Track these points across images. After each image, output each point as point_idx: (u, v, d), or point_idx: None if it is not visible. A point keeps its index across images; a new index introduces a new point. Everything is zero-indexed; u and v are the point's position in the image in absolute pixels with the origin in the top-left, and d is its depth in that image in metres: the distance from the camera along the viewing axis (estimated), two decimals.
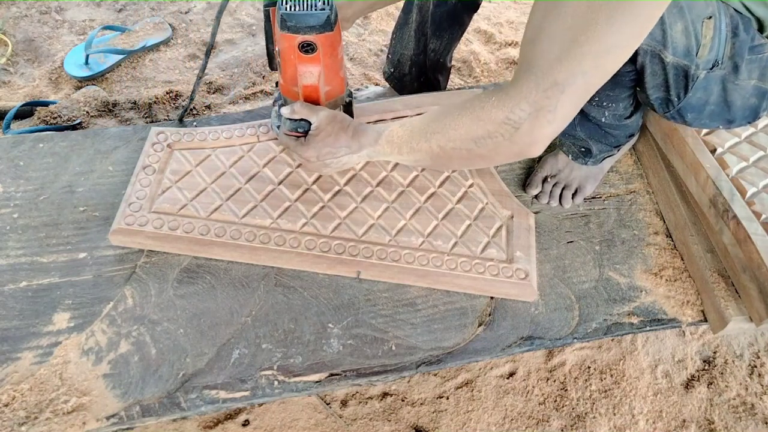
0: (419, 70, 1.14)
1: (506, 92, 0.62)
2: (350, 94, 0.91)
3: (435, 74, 1.16)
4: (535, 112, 0.61)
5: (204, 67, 0.93)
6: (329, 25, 0.74)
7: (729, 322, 0.85)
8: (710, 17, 0.71)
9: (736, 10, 0.74)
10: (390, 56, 1.16)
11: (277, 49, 0.81)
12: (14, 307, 0.81)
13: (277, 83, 0.93)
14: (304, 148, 0.81)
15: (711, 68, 0.74)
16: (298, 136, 0.83)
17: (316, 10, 0.72)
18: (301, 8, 0.72)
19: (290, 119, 0.82)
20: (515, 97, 0.61)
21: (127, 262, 0.86)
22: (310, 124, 0.81)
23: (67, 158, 0.98)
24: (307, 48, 0.75)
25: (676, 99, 0.78)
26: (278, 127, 0.90)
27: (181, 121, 1.04)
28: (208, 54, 0.91)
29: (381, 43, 1.55)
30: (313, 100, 0.83)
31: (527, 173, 1.03)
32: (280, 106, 0.88)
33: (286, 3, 0.73)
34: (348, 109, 0.92)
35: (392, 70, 1.17)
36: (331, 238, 0.88)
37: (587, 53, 0.56)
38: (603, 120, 0.87)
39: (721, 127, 0.84)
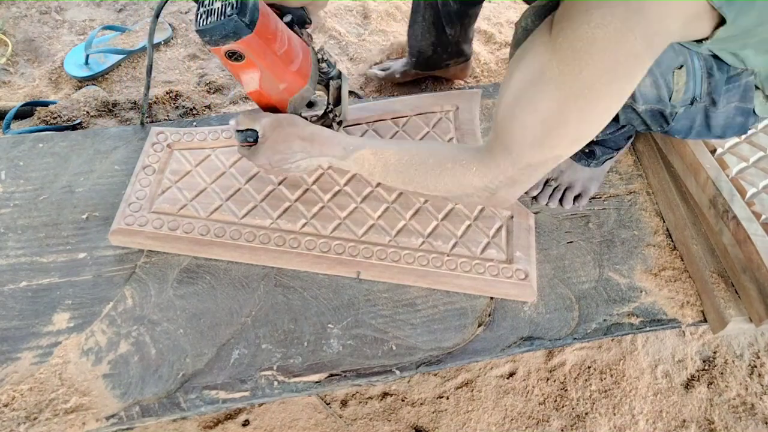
0: (440, 55, 1.25)
1: (486, 164, 0.67)
2: (339, 76, 0.87)
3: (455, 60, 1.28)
4: (511, 183, 0.67)
5: (148, 84, 0.97)
6: (245, 28, 0.69)
7: (729, 322, 0.85)
8: (681, 66, 0.69)
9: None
10: (410, 54, 1.28)
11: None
12: (14, 307, 0.81)
13: None
14: (255, 157, 0.79)
15: (690, 104, 0.73)
16: (251, 146, 0.81)
17: (225, 18, 0.68)
18: (213, 19, 0.69)
19: (238, 131, 0.80)
20: (494, 170, 0.67)
21: (127, 262, 0.86)
22: (257, 132, 0.79)
23: (67, 158, 0.98)
24: (235, 56, 0.73)
25: (659, 129, 0.78)
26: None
27: (142, 125, 1.04)
28: (149, 72, 0.95)
29: (381, 43, 1.55)
30: (272, 104, 0.81)
31: None
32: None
33: (199, 18, 0.70)
34: (337, 93, 0.89)
35: (414, 59, 1.28)
36: (331, 238, 0.88)
37: (561, 142, 0.61)
38: (597, 138, 0.88)
39: (712, 139, 0.83)
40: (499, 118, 0.64)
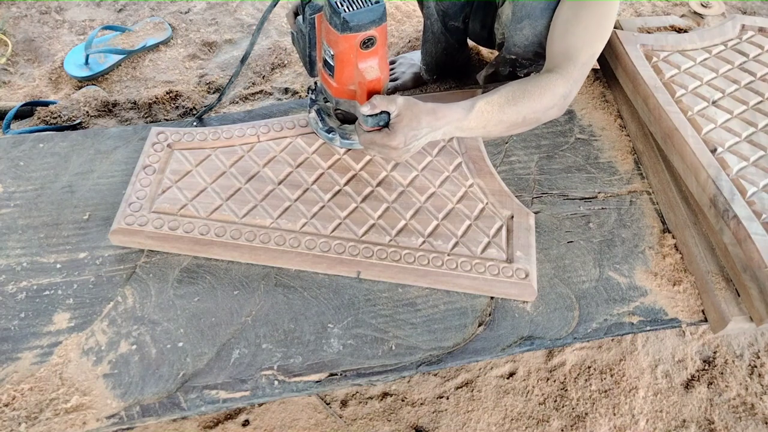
0: (452, 59, 1.31)
1: (561, 75, 0.89)
2: None
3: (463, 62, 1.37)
4: (575, 83, 0.91)
5: (238, 72, 0.96)
6: (384, 15, 0.75)
7: (729, 322, 0.85)
8: None
9: None
10: (423, 62, 1.30)
11: (332, 53, 0.80)
12: (14, 307, 0.81)
13: (310, 89, 0.92)
14: (390, 138, 0.81)
15: None
16: (380, 129, 0.82)
17: (372, 4, 0.73)
18: (359, 6, 0.73)
19: (371, 115, 0.81)
20: (567, 77, 0.89)
21: (127, 262, 0.86)
22: (389, 114, 0.81)
23: (67, 158, 0.98)
24: (367, 43, 0.76)
25: None
26: (329, 131, 0.90)
27: (200, 119, 1.06)
28: (243, 61, 0.95)
29: None
30: (376, 92, 0.83)
31: (527, 174, 1.03)
32: (318, 110, 0.88)
33: (342, 5, 0.73)
34: None
35: (425, 66, 1.31)
36: (331, 238, 0.88)
37: (595, 42, 0.91)
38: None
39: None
40: (555, 37, 0.93)
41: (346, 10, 0.73)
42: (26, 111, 1.29)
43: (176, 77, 1.43)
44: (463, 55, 1.33)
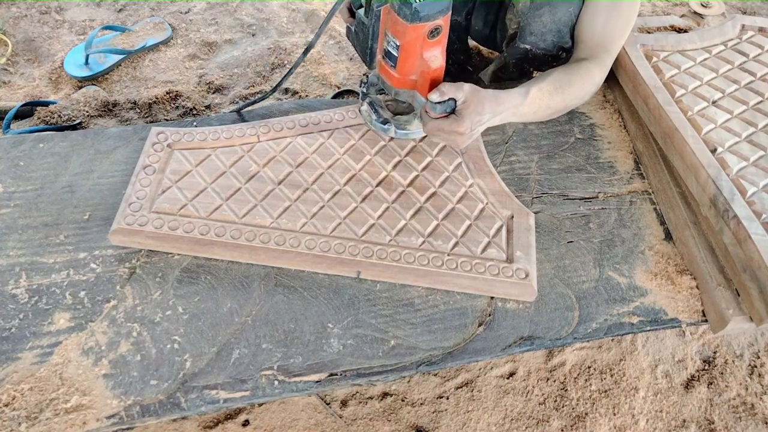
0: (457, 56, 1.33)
1: (598, 65, 0.97)
2: None
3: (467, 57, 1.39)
4: (606, 74, 0.99)
5: (297, 64, 0.97)
6: (450, 4, 0.76)
7: (729, 322, 0.85)
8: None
9: None
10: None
11: (397, 43, 0.80)
12: (14, 307, 0.81)
13: (362, 82, 0.93)
14: (457, 123, 0.82)
15: None
16: (447, 116, 0.83)
17: None
18: None
19: (439, 102, 0.82)
20: (602, 67, 0.98)
21: (127, 262, 0.86)
22: (455, 101, 0.82)
23: (67, 158, 0.98)
24: (434, 33, 0.77)
25: None
26: (384, 122, 0.90)
27: (239, 113, 1.07)
28: (306, 52, 0.95)
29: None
30: (439, 80, 0.83)
31: (527, 174, 1.03)
32: (371, 102, 0.88)
33: None
34: None
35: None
36: (331, 237, 0.88)
37: (626, 36, 1.00)
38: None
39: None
40: (598, 31, 0.99)
41: (417, 1, 0.74)
42: (26, 111, 1.29)
43: (176, 77, 1.43)
44: (464, 55, 1.33)
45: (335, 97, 1.43)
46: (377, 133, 0.96)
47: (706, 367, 1.07)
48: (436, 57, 0.81)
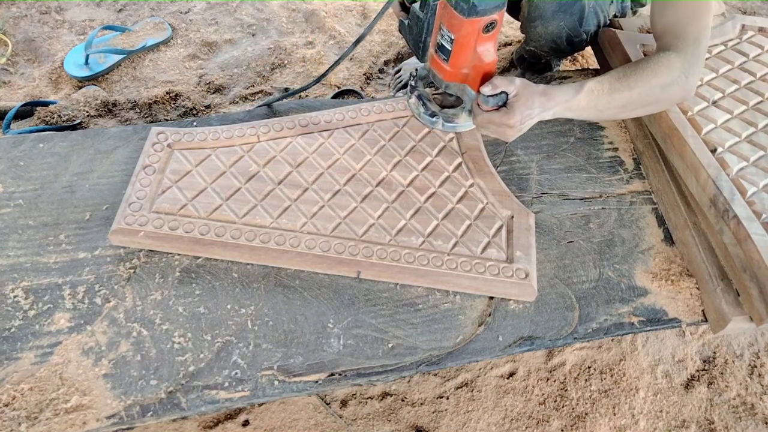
0: None
1: (673, 51, 0.89)
2: None
3: None
4: (693, 61, 0.88)
5: (346, 54, 0.97)
6: None
7: (729, 322, 0.85)
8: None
9: None
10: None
11: (451, 37, 0.81)
12: (14, 307, 0.81)
13: (412, 75, 0.93)
14: (508, 116, 0.83)
15: None
16: (497, 109, 0.84)
17: None
18: None
19: (491, 96, 0.83)
20: (680, 53, 0.88)
21: (127, 262, 0.86)
22: (507, 94, 0.83)
23: (67, 158, 0.98)
24: (489, 27, 0.78)
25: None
26: (432, 115, 0.90)
27: (269, 107, 1.08)
28: (356, 43, 0.95)
29: (381, 43, 1.55)
30: (491, 74, 0.84)
31: (527, 174, 1.03)
32: (419, 96, 0.89)
33: None
34: None
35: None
36: (331, 237, 0.88)
37: (703, 16, 0.90)
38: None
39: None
40: (658, 20, 0.93)
41: None
42: (26, 111, 1.29)
43: (176, 77, 1.43)
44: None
45: (335, 97, 1.43)
46: (425, 125, 0.96)
47: (706, 367, 1.07)
48: (489, 51, 0.81)
